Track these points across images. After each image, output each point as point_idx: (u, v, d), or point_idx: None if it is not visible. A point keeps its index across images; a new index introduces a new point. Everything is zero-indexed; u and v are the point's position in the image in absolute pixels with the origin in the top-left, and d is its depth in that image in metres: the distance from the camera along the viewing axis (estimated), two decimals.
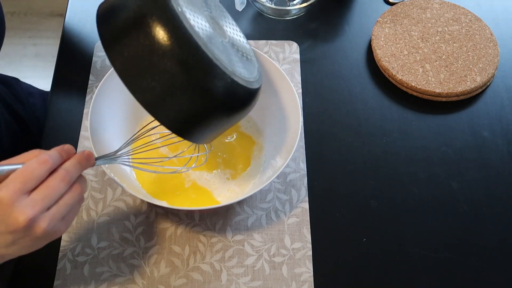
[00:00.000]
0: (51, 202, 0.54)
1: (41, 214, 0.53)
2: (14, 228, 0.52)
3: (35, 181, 0.53)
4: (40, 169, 0.53)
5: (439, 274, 0.73)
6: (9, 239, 0.53)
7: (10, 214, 0.51)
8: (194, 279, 0.71)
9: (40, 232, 0.53)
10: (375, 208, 0.78)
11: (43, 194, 0.53)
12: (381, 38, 0.93)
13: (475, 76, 0.88)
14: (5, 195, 0.51)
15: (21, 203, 0.52)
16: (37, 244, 0.56)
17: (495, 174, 0.81)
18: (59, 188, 0.54)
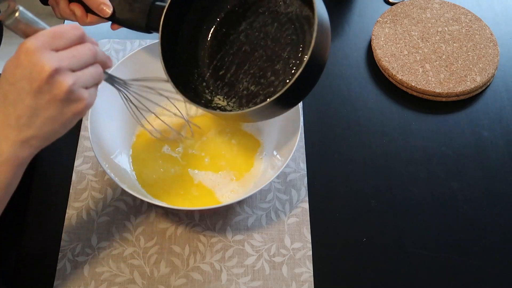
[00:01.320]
0: (79, 63, 0.52)
1: (67, 70, 0.50)
2: (38, 80, 0.49)
3: (64, 41, 0.51)
4: (71, 32, 0.51)
5: (439, 274, 0.73)
6: (32, 104, 0.50)
7: (35, 64, 0.48)
8: (194, 279, 0.71)
9: (65, 88, 0.50)
10: (375, 208, 0.78)
11: (71, 53, 0.51)
12: (381, 38, 0.93)
13: (475, 76, 0.88)
14: (32, 44, 0.49)
15: (47, 54, 0.49)
16: (62, 116, 0.52)
17: (495, 174, 0.81)
18: (87, 55, 0.52)
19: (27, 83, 0.49)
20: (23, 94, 0.50)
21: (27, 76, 0.49)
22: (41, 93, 0.49)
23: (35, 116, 0.50)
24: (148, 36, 0.94)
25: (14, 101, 0.50)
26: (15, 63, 0.49)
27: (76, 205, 0.76)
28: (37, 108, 0.50)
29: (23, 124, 0.51)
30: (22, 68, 0.49)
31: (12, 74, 0.49)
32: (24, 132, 0.51)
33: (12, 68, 0.49)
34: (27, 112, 0.50)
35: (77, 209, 0.76)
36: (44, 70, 0.48)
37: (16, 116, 0.50)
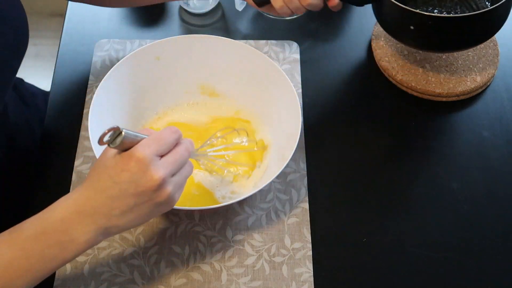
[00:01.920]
0: (178, 168, 0.57)
1: (170, 177, 0.55)
2: (145, 187, 0.53)
3: (167, 147, 0.56)
4: (171, 137, 0.56)
5: (439, 274, 0.73)
6: (131, 203, 0.54)
7: (146, 172, 0.53)
8: (194, 279, 0.71)
9: (166, 195, 0.55)
10: (375, 208, 0.78)
11: (173, 158, 0.56)
12: (381, 38, 0.93)
13: (475, 76, 0.88)
14: (145, 154, 0.53)
15: (157, 163, 0.54)
16: (151, 214, 0.56)
17: (495, 174, 0.81)
18: (185, 156, 0.57)
19: (133, 186, 0.54)
20: (125, 194, 0.54)
21: (134, 181, 0.53)
22: (143, 196, 0.54)
23: (129, 212, 0.55)
24: (148, 36, 0.94)
25: (113, 196, 0.54)
26: (122, 167, 0.53)
27: None
28: (134, 206, 0.55)
29: (114, 215, 0.55)
30: (131, 173, 0.53)
31: (118, 175, 0.54)
32: (112, 221, 0.55)
33: (118, 170, 0.54)
34: (124, 208, 0.55)
35: None
36: (153, 180, 0.53)
37: (110, 208, 0.55)
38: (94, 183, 0.56)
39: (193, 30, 0.95)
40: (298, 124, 0.73)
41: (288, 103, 0.76)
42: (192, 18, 0.97)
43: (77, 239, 0.55)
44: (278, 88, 0.77)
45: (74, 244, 0.56)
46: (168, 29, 0.95)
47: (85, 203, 0.55)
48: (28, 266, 0.55)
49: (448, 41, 0.82)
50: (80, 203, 0.55)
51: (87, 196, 0.55)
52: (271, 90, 0.78)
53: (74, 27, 0.95)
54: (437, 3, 0.88)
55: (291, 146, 0.71)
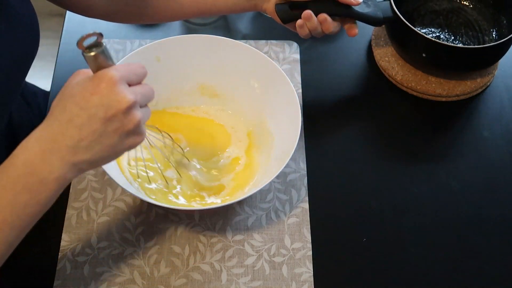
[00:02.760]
0: (145, 102, 0.55)
1: (139, 105, 0.54)
2: (114, 110, 0.51)
3: (135, 77, 0.55)
4: (141, 70, 0.55)
5: (439, 274, 0.73)
6: (99, 130, 0.52)
7: (116, 94, 0.51)
8: (194, 279, 0.71)
9: (134, 122, 0.53)
10: (375, 208, 0.78)
11: (142, 90, 0.55)
12: (381, 38, 0.93)
13: (475, 76, 0.88)
14: (116, 75, 0.52)
15: (126, 87, 0.53)
16: (120, 146, 0.54)
17: (495, 174, 0.81)
18: (150, 95, 0.56)
19: (102, 110, 0.51)
20: (94, 119, 0.51)
21: (104, 104, 0.51)
22: (112, 122, 0.52)
23: (97, 142, 0.52)
24: (148, 36, 0.94)
25: (80, 125, 0.52)
26: (91, 90, 0.51)
27: (76, 205, 0.76)
28: (102, 134, 0.52)
29: (82, 147, 0.52)
30: (101, 96, 0.51)
31: (86, 99, 0.51)
32: (79, 155, 0.52)
33: (87, 94, 0.51)
34: (91, 137, 0.52)
35: (77, 209, 0.76)
36: (124, 101, 0.51)
37: (77, 139, 0.52)
38: (57, 115, 0.53)
39: (193, 29, 0.95)
40: (298, 124, 0.73)
41: (288, 103, 0.76)
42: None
43: (45, 179, 0.52)
44: (279, 88, 0.77)
45: (44, 185, 0.53)
46: (168, 28, 0.95)
47: (49, 138, 0.52)
48: (2, 218, 0.53)
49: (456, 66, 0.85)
50: (44, 140, 0.53)
51: (51, 131, 0.53)
52: (271, 90, 0.78)
53: (74, 27, 0.95)
54: (443, 22, 0.89)
55: (291, 146, 0.71)
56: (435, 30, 0.90)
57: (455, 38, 0.89)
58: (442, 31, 0.90)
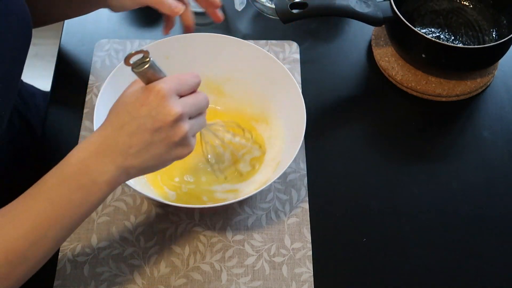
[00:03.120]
0: (197, 112, 0.57)
1: (187, 117, 0.56)
2: (161, 122, 0.54)
3: (188, 88, 0.56)
4: (193, 80, 0.57)
5: (439, 274, 0.73)
6: (147, 140, 0.54)
7: (164, 106, 0.54)
8: (194, 279, 0.71)
9: (181, 134, 0.55)
10: (375, 208, 0.78)
11: (193, 101, 0.57)
12: (381, 38, 0.93)
13: (475, 76, 0.88)
14: (165, 88, 0.54)
15: (175, 99, 0.55)
16: (167, 156, 0.56)
17: (495, 174, 0.81)
18: (203, 105, 0.58)
19: (151, 121, 0.54)
20: (142, 129, 0.54)
21: (152, 116, 0.54)
22: (159, 133, 0.54)
23: (145, 150, 0.55)
24: (148, 36, 0.94)
25: (131, 133, 0.54)
26: (142, 101, 0.54)
27: None
28: (150, 144, 0.55)
29: (131, 154, 0.55)
30: (149, 108, 0.54)
31: (136, 109, 0.54)
32: (129, 161, 0.55)
33: (138, 105, 0.54)
34: (140, 145, 0.55)
35: None
36: (171, 114, 0.54)
37: (128, 145, 0.55)
38: (112, 121, 0.56)
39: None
40: (303, 124, 0.72)
41: (293, 103, 0.75)
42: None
43: (98, 179, 0.55)
44: (284, 88, 0.77)
45: (96, 185, 0.55)
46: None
47: (102, 142, 0.55)
48: (56, 216, 0.55)
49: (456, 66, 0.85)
50: (97, 143, 0.55)
51: (105, 135, 0.55)
52: (276, 90, 0.78)
53: (74, 27, 0.95)
54: (443, 22, 0.89)
55: (295, 147, 0.71)
56: (435, 30, 0.90)
57: (455, 38, 0.89)
58: (442, 31, 0.90)
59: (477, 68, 0.87)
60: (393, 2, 0.84)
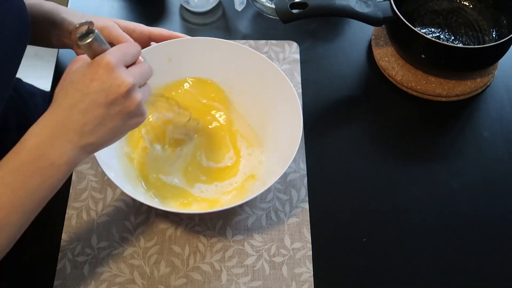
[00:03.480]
0: (144, 81, 0.57)
1: (138, 86, 0.56)
2: (115, 94, 0.54)
3: (131, 57, 0.56)
4: (134, 49, 0.57)
5: (439, 274, 0.73)
6: (102, 114, 0.54)
7: (115, 78, 0.53)
8: (194, 279, 0.71)
9: (135, 103, 0.55)
10: (375, 208, 0.78)
11: (139, 70, 0.57)
12: (381, 38, 0.93)
13: (475, 76, 0.88)
14: (112, 60, 0.53)
15: (123, 71, 0.54)
16: (124, 127, 0.57)
17: (495, 174, 0.81)
18: (149, 73, 0.58)
19: (103, 95, 0.53)
20: (95, 104, 0.54)
21: (104, 89, 0.53)
22: (113, 105, 0.54)
23: (101, 125, 0.55)
24: None
25: (83, 110, 0.54)
26: (91, 76, 0.53)
27: (76, 205, 0.76)
28: (105, 118, 0.54)
29: (87, 131, 0.55)
30: (100, 81, 0.53)
31: (87, 86, 0.54)
32: (86, 138, 0.55)
33: (87, 81, 0.54)
34: (95, 121, 0.54)
35: (77, 209, 0.76)
36: (123, 85, 0.54)
37: (82, 123, 0.54)
38: (61, 101, 0.55)
39: (193, 29, 0.95)
40: (300, 125, 0.72)
41: (288, 104, 0.76)
42: (193, 16, 0.97)
43: (56, 161, 0.55)
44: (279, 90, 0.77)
45: (55, 167, 0.55)
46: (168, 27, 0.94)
47: (55, 124, 0.55)
48: (16, 200, 0.55)
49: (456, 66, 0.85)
50: (51, 125, 0.55)
51: (57, 116, 0.55)
52: (271, 92, 0.78)
53: None
54: (443, 22, 0.89)
55: (293, 148, 0.71)
56: (435, 30, 0.90)
57: (455, 38, 0.89)
58: (442, 31, 0.90)
59: (477, 68, 0.87)
60: (393, 2, 0.84)
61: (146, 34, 0.77)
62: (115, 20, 0.75)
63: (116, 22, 0.75)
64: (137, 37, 0.77)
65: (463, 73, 0.87)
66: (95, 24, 0.71)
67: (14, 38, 0.66)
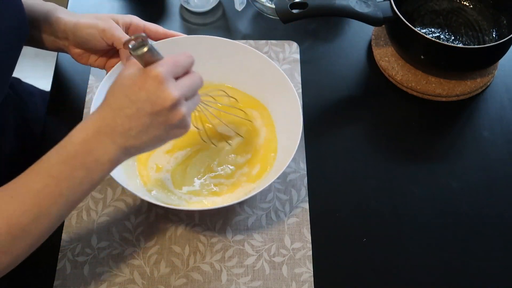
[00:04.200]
0: (192, 93, 0.59)
1: (184, 100, 0.57)
2: (160, 107, 0.55)
3: (182, 69, 0.58)
4: (186, 60, 0.58)
5: (439, 274, 0.73)
6: (147, 122, 0.56)
7: (162, 91, 0.55)
8: (194, 279, 0.71)
9: (179, 117, 0.57)
10: (375, 208, 0.78)
11: (189, 83, 0.58)
12: (381, 38, 0.93)
13: (475, 76, 0.88)
14: (162, 72, 0.55)
15: (172, 83, 0.56)
16: (166, 137, 0.58)
17: (495, 174, 0.81)
18: (198, 82, 0.60)
19: (149, 105, 0.55)
20: (141, 112, 0.55)
21: (151, 100, 0.55)
22: (158, 116, 0.56)
23: (144, 132, 0.56)
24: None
25: (130, 115, 0.56)
26: (140, 85, 0.55)
27: None
28: (149, 126, 0.56)
29: (131, 136, 0.56)
30: (148, 92, 0.55)
31: (135, 93, 0.55)
32: (129, 141, 0.57)
33: (136, 89, 0.55)
34: (139, 128, 0.56)
35: (77, 209, 0.76)
36: (169, 99, 0.55)
37: (127, 127, 0.56)
38: (111, 102, 0.57)
39: (193, 28, 0.95)
40: (299, 125, 0.72)
41: (288, 104, 0.76)
42: (193, 16, 0.97)
43: (100, 158, 0.57)
44: (279, 89, 0.77)
45: (99, 164, 0.57)
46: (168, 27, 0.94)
47: (103, 123, 0.56)
48: (59, 192, 0.56)
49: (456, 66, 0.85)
50: (98, 124, 0.57)
51: (105, 116, 0.57)
52: (271, 91, 0.78)
53: None
54: (443, 22, 0.89)
55: (292, 147, 0.71)
56: (435, 30, 0.90)
57: (455, 38, 0.89)
58: (442, 31, 0.90)
59: (477, 68, 0.87)
60: (393, 2, 0.84)
61: (142, 29, 0.77)
62: (112, 15, 0.75)
63: (112, 17, 0.75)
64: (133, 31, 0.77)
65: (463, 73, 0.87)
66: (96, 24, 0.70)
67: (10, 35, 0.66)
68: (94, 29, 0.73)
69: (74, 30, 0.74)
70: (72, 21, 0.74)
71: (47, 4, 0.76)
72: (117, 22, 0.75)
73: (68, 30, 0.74)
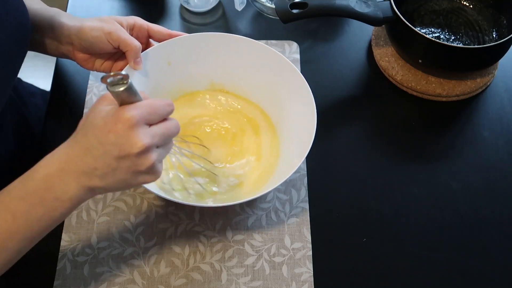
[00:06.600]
0: (164, 142, 0.57)
1: (155, 147, 0.55)
2: (127, 152, 0.53)
3: (157, 117, 0.55)
4: (165, 109, 0.56)
5: (439, 274, 0.73)
6: (112, 165, 0.54)
7: (131, 137, 0.53)
8: (194, 279, 0.71)
9: (147, 164, 0.54)
10: (375, 208, 0.78)
11: (162, 131, 0.55)
12: (381, 38, 0.93)
13: (475, 76, 0.88)
14: (134, 116, 0.53)
15: (143, 130, 0.54)
16: (132, 181, 0.56)
17: (495, 174, 0.81)
18: (173, 133, 0.57)
19: (117, 149, 0.53)
20: (108, 155, 0.54)
21: (119, 144, 0.53)
22: (124, 160, 0.54)
23: (110, 174, 0.55)
24: None
25: (97, 156, 0.54)
26: (110, 128, 0.53)
27: None
28: (115, 169, 0.54)
29: (96, 175, 0.55)
30: (117, 136, 0.53)
31: (104, 135, 0.53)
32: (94, 181, 0.55)
33: (105, 131, 0.53)
34: (105, 170, 0.54)
35: (77, 209, 0.76)
36: (137, 146, 0.53)
37: (93, 167, 0.54)
38: (79, 140, 0.55)
39: (193, 28, 0.95)
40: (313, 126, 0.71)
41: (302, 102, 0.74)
42: (193, 16, 0.97)
43: (61, 196, 0.55)
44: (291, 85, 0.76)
45: (59, 202, 0.55)
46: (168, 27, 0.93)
47: (68, 160, 0.55)
48: (15, 228, 0.55)
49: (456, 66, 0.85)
50: (63, 160, 0.55)
51: (71, 153, 0.55)
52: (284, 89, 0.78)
53: None
54: (443, 22, 0.90)
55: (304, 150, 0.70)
56: (435, 30, 0.90)
57: (455, 38, 0.90)
58: (442, 31, 0.90)
59: (477, 68, 0.87)
60: (393, 2, 0.84)
61: (145, 29, 0.77)
62: (115, 17, 0.75)
63: (116, 19, 0.74)
64: (137, 31, 0.76)
65: (463, 73, 0.87)
66: (101, 27, 0.68)
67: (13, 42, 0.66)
68: (99, 31, 0.72)
69: (78, 34, 0.73)
70: (76, 25, 0.73)
71: (51, 9, 0.76)
72: (121, 23, 0.74)
73: (73, 34, 0.73)
